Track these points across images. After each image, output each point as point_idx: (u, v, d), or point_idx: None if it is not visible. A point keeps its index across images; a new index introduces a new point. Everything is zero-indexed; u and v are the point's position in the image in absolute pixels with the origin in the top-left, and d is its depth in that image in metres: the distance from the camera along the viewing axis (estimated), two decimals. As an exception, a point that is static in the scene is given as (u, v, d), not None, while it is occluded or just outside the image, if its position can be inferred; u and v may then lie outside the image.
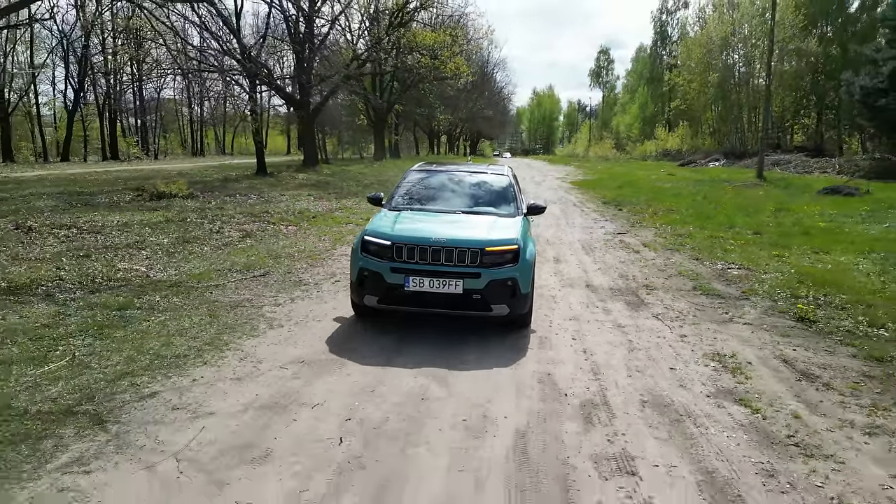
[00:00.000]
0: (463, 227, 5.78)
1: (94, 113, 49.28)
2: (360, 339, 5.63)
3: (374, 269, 5.39)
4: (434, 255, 5.29)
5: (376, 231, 5.64)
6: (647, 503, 3.09)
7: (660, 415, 4.09)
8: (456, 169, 7.54)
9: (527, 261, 5.51)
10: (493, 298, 5.26)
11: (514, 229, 5.78)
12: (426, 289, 5.25)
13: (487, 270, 5.26)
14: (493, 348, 5.41)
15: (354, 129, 49.75)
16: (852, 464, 3.49)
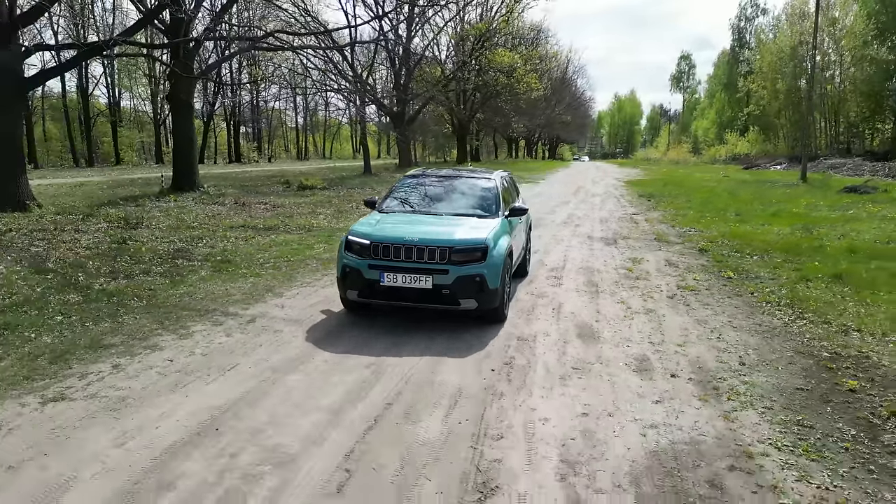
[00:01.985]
0: (437, 228, 6.25)
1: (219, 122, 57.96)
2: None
3: (355, 266, 5.96)
4: (407, 254, 5.80)
5: (358, 231, 6.22)
6: (561, 294, 8.24)
7: (588, 270, 9.18)
8: (446, 175, 8.03)
9: (495, 258, 5.97)
10: (461, 293, 5.77)
11: (486, 230, 6.23)
12: (399, 284, 5.78)
13: (455, 267, 5.74)
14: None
15: (440, 135, 55.80)
16: (657, 281, 8.48)
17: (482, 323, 6.30)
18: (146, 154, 53.60)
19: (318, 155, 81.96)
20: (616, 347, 5.70)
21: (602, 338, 5.99)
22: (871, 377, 4.95)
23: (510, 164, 52.95)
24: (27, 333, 5.64)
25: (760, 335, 6.08)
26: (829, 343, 5.77)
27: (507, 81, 34.80)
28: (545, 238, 12.39)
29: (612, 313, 6.88)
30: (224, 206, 15.80)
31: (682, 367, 5.18)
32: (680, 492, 3.31)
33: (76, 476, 3.34)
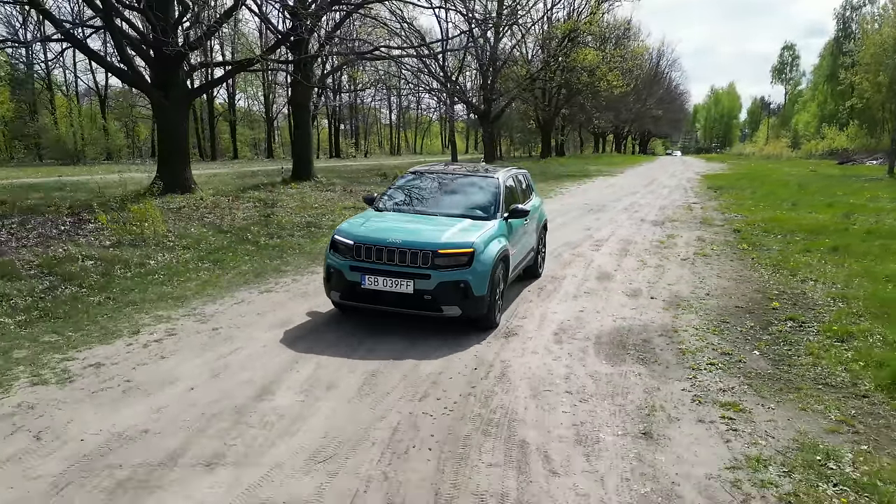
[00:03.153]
0: (424, 230, 5.92)
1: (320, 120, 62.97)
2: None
3: (337, 267, 5.78)
4: (389, 256, 5.57)
5: (343, 231, 6.00)
6: (597, 256, 10.62)
7: (626, 242, 11.45)
8: (449, 173, 7.58)
9: (482, 263, 5.63)
10: (444, 299, 5.49)
11: (477, 233, 5.88)
12: (380, 287, 5.55)
13: (437, 272, 5.47)
14: (575, 230, 12.94)
15: (524, 131, 57.95)
16: (679, 250, 10.64)
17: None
18: (258, 150, 59.35)
19: (410, 150, 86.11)
20: (621, 284, 8.10)
21: (614, 279, 8.38)
22: (795, 303, 7.09)
23: (593, 159, 54.34)
24: (232, 264, 8.80)
25: (735, 281, 8.25)
26: (784, 287, 7.88)
27: (588, 80, 36.56)
28: (602, 220, 14.63)
29: (629, 266, 9.21)
30: (335, 192, 19.08)
31: (661, 295, 7.52)
32: (621, 343, 5.77)
33: (303, 317, 6.27)
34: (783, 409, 4.30)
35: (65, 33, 14.96)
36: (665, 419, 4.15)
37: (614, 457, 3.65)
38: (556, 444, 3.79)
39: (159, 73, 15.16)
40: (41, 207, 12.93)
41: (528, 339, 5.82)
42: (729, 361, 5.25)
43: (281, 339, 5.64)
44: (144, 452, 3.57)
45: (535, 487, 3.31)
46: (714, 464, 3.57)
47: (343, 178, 25.86)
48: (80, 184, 19.85)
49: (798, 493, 3.24)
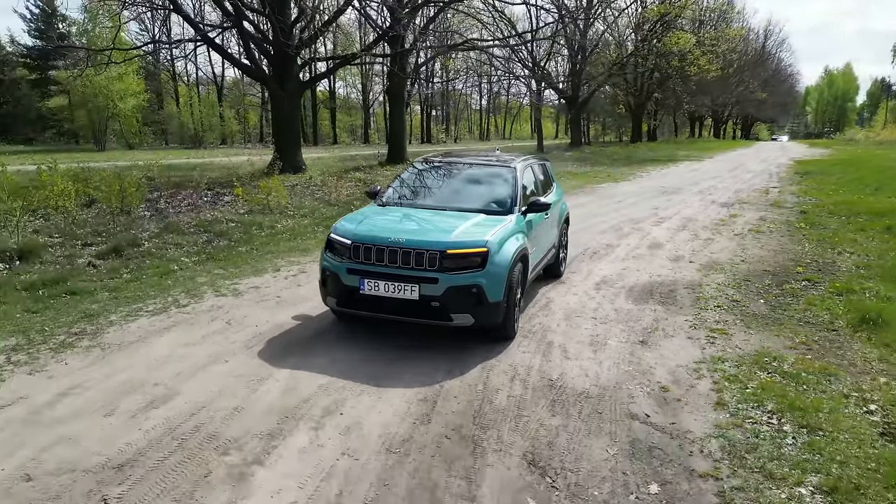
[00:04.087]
0: (431, 227, 5.33)
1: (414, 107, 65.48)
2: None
3: (333, 270, 5.14)
4: (391, 257, 4.90)
5: (341, 228, 5.37)
6: (654, 229, 11.76)
7: (688, 220, 12.46)
8: (459, 162, 6.86)
9: (498, 265, 4.95)
10: (454, 307, 4.81)
11: (491, 230, 5.21)
12: (381, 293, 4.88)
13: (446, 276, 4.79)
14: (644, 199, 14.03)
15: (614, 115, 57.64)
16: (736, 227, 11.59)
17: (585, 237, 10.19)
18: (355, 136, 62.74)
19: (499, 135, 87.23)
20: (667, 251, 9.31)
21: (663, 247, 9.60)
22: (819, 269, 8.08)
23: (686, 144, 53.36)
24: (340, 229, 10.77)
25: (773, 252, 9.24)
26: (817, 257, 8.81)
27: (678, 64, 36.35)
28: (673, 201, 15.55)
29: (681, 239, 10.34)
30: (426, 174, 20.97)
31: (700, 260, 8.70)
32: (650, 291, 7.11)
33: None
34: (759, 335, 5.56)
35: (203, 36, 17.63)
36: (662, 335, 5.55)
37: (613, 353, 5.12)
38: (574, 344, 5.31)
39: (277, 67, 17.55)
40: (184, 183, 15.63)
41: (573, 286, 7.28)
42: (734, 306, 6.49)
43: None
44: (298, 332, 5.46)
45: (552, 364, 4.87)
46: (686, 360, 4.97)
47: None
48: (207, 164, 22.91)
49: (738, 376, 4.60)
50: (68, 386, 4.26)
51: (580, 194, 17.01)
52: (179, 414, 3.91)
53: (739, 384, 4.46)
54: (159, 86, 52.31)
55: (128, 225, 10.07)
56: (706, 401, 4.24)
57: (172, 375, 4.48)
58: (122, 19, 20.11)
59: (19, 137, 42.20)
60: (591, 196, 16.59)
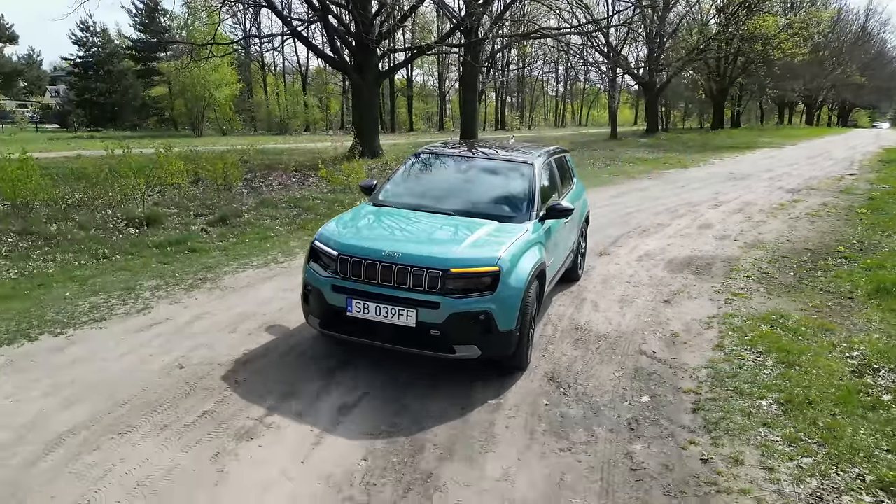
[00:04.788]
0: (434, 238, 4.53)
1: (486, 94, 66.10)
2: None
3: (316, 285, 4.32)
4: (384, 274, 4.10)
5: (327, 236, 4.51)
6: (709, 212, 12.19)
7: (747, 203, 12.78)
8: (469, 155, 5.91)
9: (512, 287, 4.14)
10: (457, 336, 4.04)
11: (506, 243, 4.35)
12: (372, 317, 4.09)
13: (450, 300, 4.00)
14: (715, 176, 14.39)
15: (695, 101, 56.06)
16: (794, 211, 11.86)
17: (639, 217, 10.84)
18: (430, 123, 64.16)
19: (575, 122, 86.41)
20: (715, 231, 9.85)
21: (712, 228, 10.12)
22: (861, 249, 8.45)
23: (771, 131, 51.35)
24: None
25: (822, 233, 9.59)
26: (863, 238, 9.13)
27: (761, 48, 35.15)
28: (738, 187, 15.73)
29: (733, 221, 10.79)
30: (495, 159, 21.84)
31: (745, 239, 9.21)
32: (688, 264, 7.78)
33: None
34: (777, 299, 6.21)
35: (291, 30, 19.19)
36: (686, 297, 6.30)
37: (638, 308, 5.94)
38: (604, 300, 6.16)
39: (358, 58, 18.88)
40: (274, 165, 17.27)
41: (617, 258, 8.07)
42: (763, 277, 7.10)
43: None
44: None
45: (581, 314, 5.75)
46: (701, 315, 5.73)
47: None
48: (293, 149, 24.72)
49: (742, 328, 5.33)
50: (199, 313, 5.56)
51: (644, 179, 17.43)
52: (283, 335, 5.11)
53: (741, 333, 5.21)
54: (249, 76, 55.50)
55: (229, 199, 11.60)
56: (707, 344, 5.02)
57: (276, 310, 5.70)
58: (220, 15, 22.10)
59: (126, 124, 46.22)
60: (655, 181, 16.98)
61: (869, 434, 3.55)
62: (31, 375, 4.21)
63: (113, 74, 46.33)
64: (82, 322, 5.24)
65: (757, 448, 3.47)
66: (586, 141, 35.13)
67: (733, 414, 3.84)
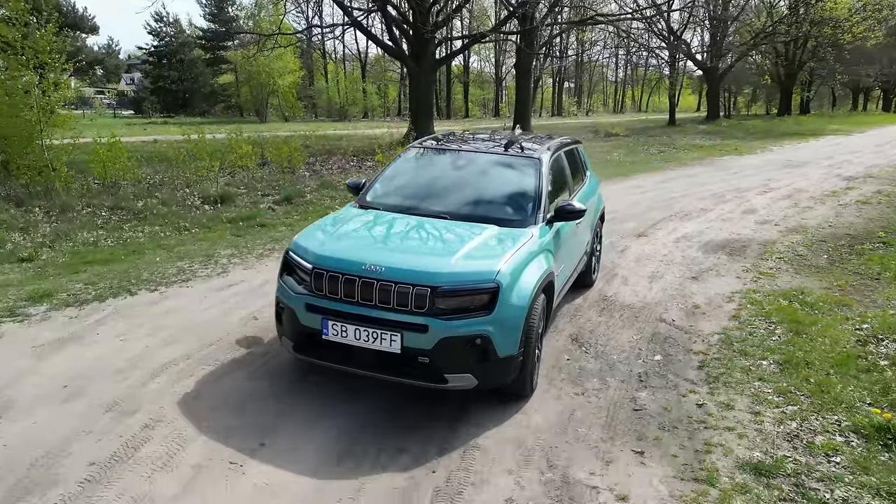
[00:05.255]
0: (423, 247, 3.99)
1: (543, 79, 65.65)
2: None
3: (288, 303, 3.82)
4: (364, 292, 3.55)
5: (302, 245, 3.98)
6: (756, 198, 12.25)
7: (797, 190, 12.75)
8: (469, 148, 5.25)
9: (513, 307, 3.61)
10: (449, 364, 3.51)
11: (505, 253, 3.79)
12: (351, 341, 3.57)
13: (439, 322, 3.45)
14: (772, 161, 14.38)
15: (761, 87, 54.13)
16: (846, 198, 11.82)
17: (683, 202, 11.07)
18: (486, 109, 64.37)
19: (635, 108, 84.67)
20: (758, 216, 10.02)
21: (756, 213, 10.29)
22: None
23: (841, 118, 49.08)
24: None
25: (867, 220, 9.64)
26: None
27: (830, 32, 33.72)
28: (793, 174, 15.55)
29: (778, 206, 10.89)
30: (548, 145, 22.15)
31: (787, 224, 9.37)
32: (723, 246, 8.08)
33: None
34: (803, 278, 6.50)
35: (353, 20, 20.01)
36: (714, 274, 6.67)
37: (666, 283, 6.37)
38: (634, 276, 6.61)
39: (415, 46, 19.51)
40: (334, 150, 18.20)
41: (654, 239, 8.44)
42: (796, 259, 7.36)
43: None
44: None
45: (611, 287, 6.24)
46: (725, 290, 6.11)
47: (556, 134, 28.77)
48: (351, 135, 25.71)
49: (762, 302, 5.70)
50: (270, 277, 6.34)
51: (696, 166, 17.43)
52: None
53: (759, 306, 5.59)
54: (311, 63, 57.08)
55: (293, 181, 12.51)
56: (725, 315, 5.43)
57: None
58: (285, 7, 23.13)
59: (196, 111, 48.54)
60: (706, 167, 16.96)
61: (856, 391, 3.94)
62: (135, 321, 5.06)
63: (184, 63, 48.65)
64: (172, 282, 6.11)
65: (749, 397, 3.92)
66: (643, 127, 34.76)
67: (734, 370, 4.29)
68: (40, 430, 3.43)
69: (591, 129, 32.17)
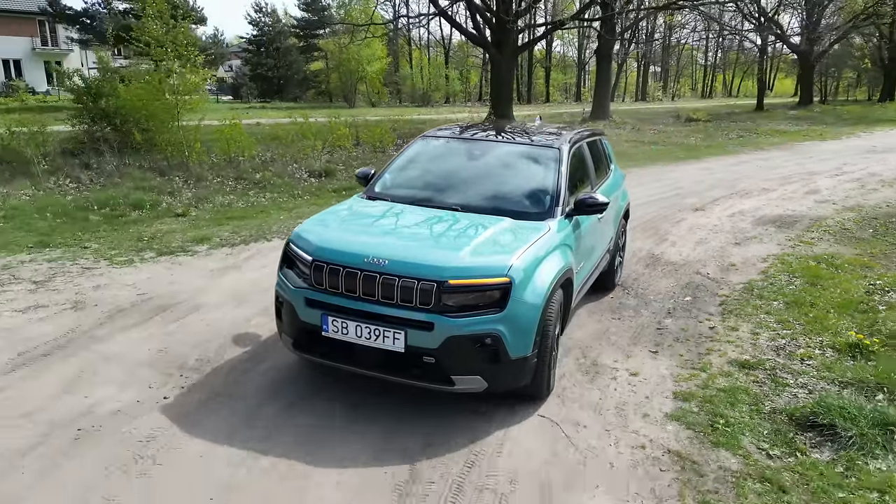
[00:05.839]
0: (431, 239, 3.83)
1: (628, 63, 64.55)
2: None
3: (287, 298, 3.70)
4: (366, 286, 3.41)
5: (302, 236, 3.83)
6: (821, 180, 12.57)
7: (867, 174, 12.94)
8: (483, 138, 5.16)
9: (526, 304, 3.43)
10: (456, 365, 3.36)
11: (519, 246, 3.61)
12: (352, 338, 3.44)
13: (446, 320, 3.29)
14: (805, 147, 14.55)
15: (862, 71, 51.14)
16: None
17: (746, 183, 11.65)
18: (567, 94, 64.25)
19: (726, 93, 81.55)
20: (818, 195, 10.53)
21: (818, 193, 10.78)
22: (959, 214, 8.88)
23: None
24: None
25: (928, 201, 9.96)
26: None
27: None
28: (871, 160, 15.53)
29: (843, 188, 11.28)
30: (624, 130, 22.67)
31: (845, 204, 9.87)
32: (775, 220, 8.79)
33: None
34: (840, 246, 7.22)
35: (439, 10, 21.27)
36: (756, 242, 7.50)
37: (710, 247, 7.28)
38: (683, 241, 7.55)
39: (497, 34, 20.55)
40: (418, 133, 19.57)
41: (710, 213, 9.25)
42: (841, 232, 8.01)
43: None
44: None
45: (659, 248, 7.22)
46: (762, 253, 6.96)
47: (636, 118, 29.02)
48: (434, 120, 26.97)
49: (791, 262, 6.52)
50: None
51: (772, 150, 17.61)
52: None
53: (787, 265, 6.43)
54: (396, 50, 59.04)
55: (384, 160, 13.98)
56: (755, 271, 6.33)
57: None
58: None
59: (289, 96, 51.55)
60: (782, 152, 17.13)
61: (847, 323, 4.82)
62: (273, 257, 6.57)
63: (280, 51, 51.65)
64: (295, 233, 7.65)
65: (753, 324, 4.90)
66: (728, 112, 34.19)
67: (747, 307, 5.26)
68: (226, 319, 4.94)
69: (672, 113, 32.08)
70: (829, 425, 3.33)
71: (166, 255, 6.61)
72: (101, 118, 12.90)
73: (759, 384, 3.93)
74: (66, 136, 13.19)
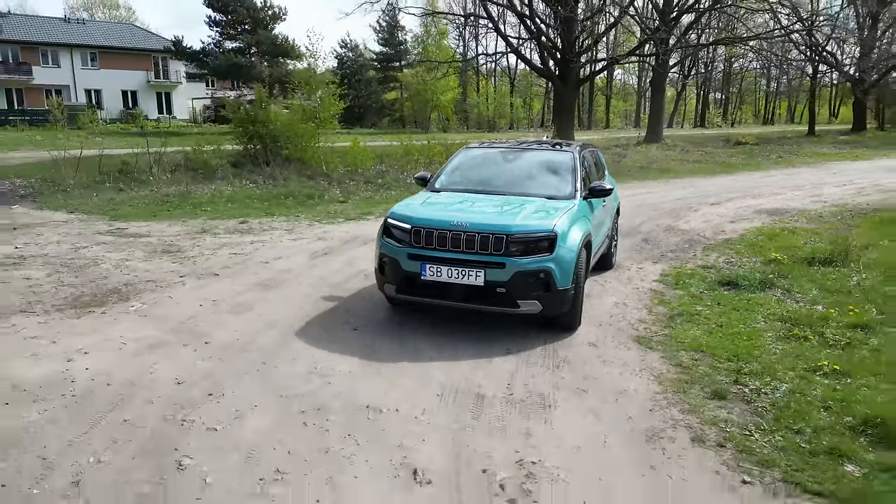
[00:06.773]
0: (494, 211, 5.29)
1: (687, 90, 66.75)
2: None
3: (392, 256, 5.13)
4: (454, 241, 4.88)
5: (398, 213, 5.32)
6: (839, 188, 15.37)
7: (876, 187, 15.62)
8: (513, 148, 7.00)
9: (567, 250, 4.94)
10: (521, 293, 4.80)
11: (556, 214, 5.16)
12: (444, 279, 4.87)
13: (513, 260, 4.77)
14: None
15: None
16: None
17: (761, 190, 14.64)
18: (627, 120, 67.03)
19: (789, 119, 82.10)
20: (818, 198, 13.42)
21: (819, 197, 13.66)
22: (918, 209, 11.68)
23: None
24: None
25: (905, 201, 12.73)
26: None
27: None
28: (890, 176, 17.98)
29: (842, 193, 14.08)
30: (673, 151, 25.67)
31: (835, 202, 12.74)
32: (769, 211, 11.85)
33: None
34: (808, 224, 10.27)
35: (513, 49, 25.09)
36: (746, 221, 10.65)
37: (711, 223, 10.51)
38: (694, 220, 10.82)
39: (561, 69, 24.14)
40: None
41: (722, 207, 12.38)
42: (815, 218, 11.00)
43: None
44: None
45: (677, 223, 10.52)
46: (748, 227, 10.12)
47: (687, 142, 31.92)
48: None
49: (763, 230, 9.68)
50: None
51: (802, 167, 20.35)
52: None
53: (759, 231, 9.61)
54: (465, 79, 63.63)
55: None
56: (735, 233, 9.55)
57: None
58: (449, 34, 28.67)
59: (368, 123, 56.65)
60: (810, 169, 19.81)
61: (778, 253, 8.00)
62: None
63: (361, 82, 57.02)
64: (425, 212, 11.33)
65: (719, 254, 8.16)
66: (779, 137, 36.45)
67: (721, 247, 8.55)
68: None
69: (722, 138, 34.69)
70: (736, 283, 6.62)
71: (352, 220, 10.44)
72: (255, 138, 17.19)
73: (708, 271, 7.25)
74: (229, 151, 17.56)
